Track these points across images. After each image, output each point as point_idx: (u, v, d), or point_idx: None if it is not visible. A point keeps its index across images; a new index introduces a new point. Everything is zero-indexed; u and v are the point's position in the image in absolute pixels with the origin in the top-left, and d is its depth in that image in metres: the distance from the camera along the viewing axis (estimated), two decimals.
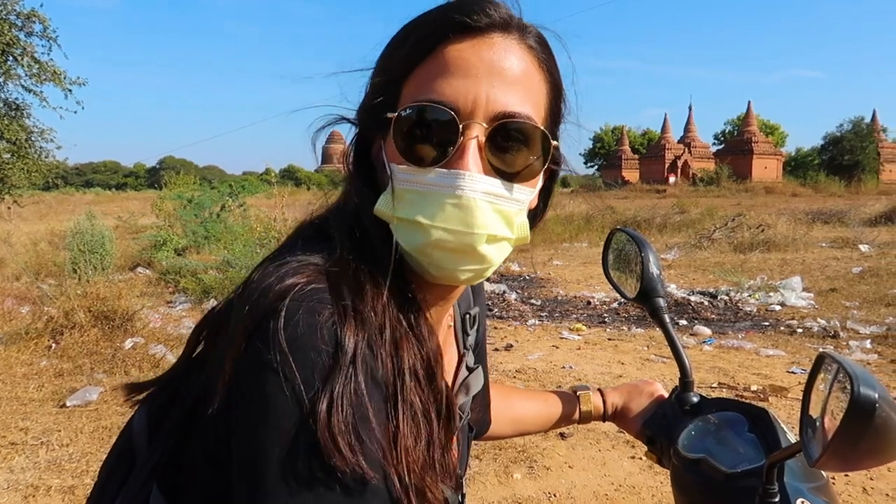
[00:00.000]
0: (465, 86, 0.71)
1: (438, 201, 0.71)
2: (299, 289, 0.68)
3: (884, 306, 8.27)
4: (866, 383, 0.61)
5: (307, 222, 0.84)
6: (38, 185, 15.87)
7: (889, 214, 20.71)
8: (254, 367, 0.65)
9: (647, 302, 1.08)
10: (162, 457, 0.77)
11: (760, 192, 51.98)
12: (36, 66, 13.36)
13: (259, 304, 0.67)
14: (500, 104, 0.72)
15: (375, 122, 0.77)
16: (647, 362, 6.21)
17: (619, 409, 1.24)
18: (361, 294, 0.71)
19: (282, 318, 0.65)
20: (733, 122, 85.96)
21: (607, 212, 22.66)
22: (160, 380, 0.86)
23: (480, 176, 0.71)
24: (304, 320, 0.65)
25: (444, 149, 0.71)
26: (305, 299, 0.67)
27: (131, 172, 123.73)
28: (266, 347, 0.64)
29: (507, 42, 0.74)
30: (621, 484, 3.76)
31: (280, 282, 0.68)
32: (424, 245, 0.73)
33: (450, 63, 0.72)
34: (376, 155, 0.80)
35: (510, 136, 0.73)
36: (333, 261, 0.74)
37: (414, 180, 0.72)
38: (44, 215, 23.76)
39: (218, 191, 16.00)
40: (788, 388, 5.29)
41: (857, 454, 0.63)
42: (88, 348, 5.90)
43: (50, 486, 3.69)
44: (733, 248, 14.75)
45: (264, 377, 0.64)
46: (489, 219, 0.72)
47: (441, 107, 0.71)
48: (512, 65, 0.73)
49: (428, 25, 0.74)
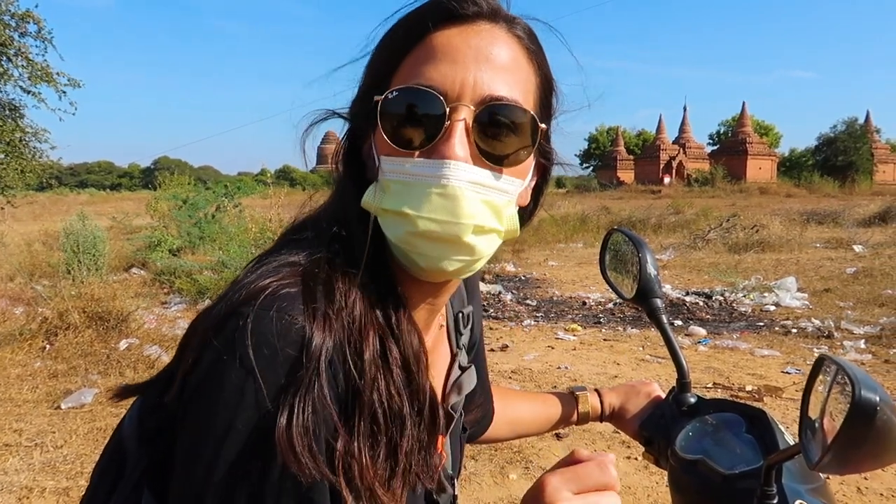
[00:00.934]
0: (453, 70, 0.70)
1: (424, 191, 0.70)
2: (271, 291, 0.68)
3: (878, 306, 8.30)
4: (867, 387, 0.61)
5: (297, 222, 0.84)
6: (32, 185, 15.78)
7: (882, 215, 20.81)
8: (213, 364, 0.65)
9: (644, 302, 1.08)
10: (152, 459, 0.77)
11: (755, 192, 52.13)
12: (30, 67, 13.30)
13: (230, 303, 0.68)
14: (488, 88, 0.71)
15: (366, 116, 0.77)
16: (643, 363, 6.22)
17: (617, 410, 1.24)
18: (334, 294, 0.71)
19: (248, 319, 0.66)
20: (728, 122, 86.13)
21: (602, 212, 22.73)
22: (152, 381, 0.85)
23: (466, 165, 0.70)
24: (271, 322, 0.66)
25: (431, 132, 0.71)
26: (276, 301, 0.67)
27: (126, 173, 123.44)
28: (229, 346, 0.65)
29: (494, 30, 0.74)
30: None
31: (255, 283, 0.69)
32: (410, 235, 0.71)
33: (437, 49, 0.72)
34: (367, 152, 0.79)
35: (498, 120, 0.72)
36: (312, 260, 0.74)
37: (400, 171, 0.72)
38: (38, 216, 23.65)
39: (213, 191, 15.94)
40: (783, 389, 5.30)
41: (857, 457, 0.63)
42: (83, 349, 5.88)
43: (44, 487, 3.67)
44: (728, 249, 14.79)
45: (221, 374, 0.65)
46: (476, 209, 0.71)
47: (429, 90, 0.70)
48: (500, 52, 0.73)
49: (416, 15, 0.75)
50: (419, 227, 0.70)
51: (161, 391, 0.79)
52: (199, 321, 0.75)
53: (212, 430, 0.64)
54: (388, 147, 0.73)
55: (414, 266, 0.76)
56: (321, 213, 0.83)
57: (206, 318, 0.70)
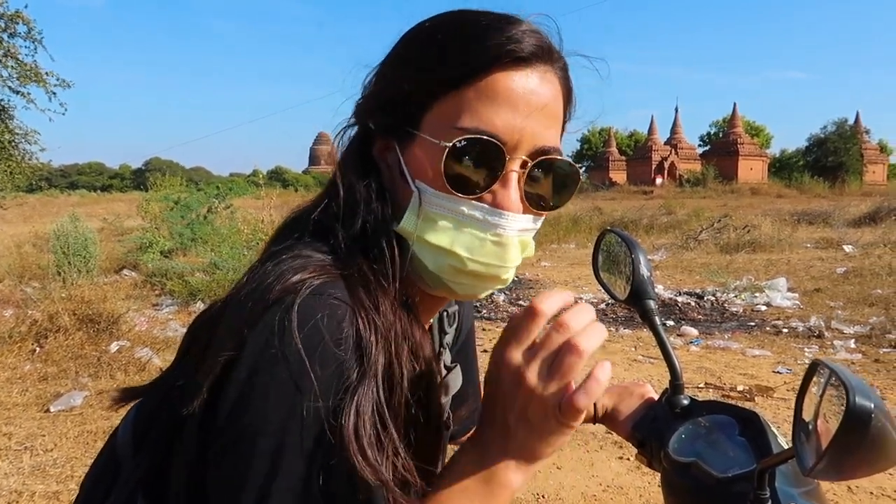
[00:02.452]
0: (513, 118, 0.71)
1: (479, 236, 0.73)
2: (310, 283, 0.65)
3: (867, 306, 8.35)
4: (862, 393, 0.61)
5: (292, 220, 0.82)
6: (21, 187, 15.71)
7: (872, 215, 20.96)
8: (259, 356, 0.62)
9: (637, 304, 1.07)
10: (148, 468, 0.75)
11: (746, 193, 52.41)
12: (19, 67, 13.23)
13: (263, 299, 0.64)
14: (541, 138, 0.73)
15: (391, 127, 0.76)
16: (635, 363, 6.23)
17: (610, 412, 1.22)
18: (375, 297, 0.69)
19: (294, 314, 0.62)
20: (719, 123, 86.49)
21: (595, 213, 22.78)
22: (150, 386, 0.83)
23: (519, 215, 0.74)
24: (322, 317, 0.63)
25: (489, 179, 0.72)
26: (321, 294, 0.64)
27: (117, 174, 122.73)
28: (274, 344, 0.61)
29: (546, 73, 0.75)
30: (609, 484, 3.77)
31: (284, 277, 0.66)
32: (455, 271, 0.74)
33: (499, 93, 0.71)
34: (380, 155, 0.79)
35: (547, 171, 0.75)
36: (340, 260, 0.72)
37: (452, 209, 0.73)
38: (27, 217, 23.52)
39: (205, 192, 15.90)
40: (774, 388, 5.33)
41: (851, 464, 0.63)
42: (73, 352, 5.83)
43: (34, 491, 3.64)
44: (719, 249, 14.85)
45: (272, 366, 0.61)
46: (517, 252, 0.76)
47: (493, 140, 0.71)
48: (549, 97, 0.74)
49: (476, 50, 0.72)
50: (467, 267, 0.73)
51: (160, 398, 0.77)
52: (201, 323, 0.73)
53: (269, 425, 0.61)
54: (442, 186, 0.72)
55: (444, 290, 0.77)
56: (326, 213, 0.78)
57: (237, 314, 0.65)
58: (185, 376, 0.72)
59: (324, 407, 0.61)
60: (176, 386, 0.74)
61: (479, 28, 0.73)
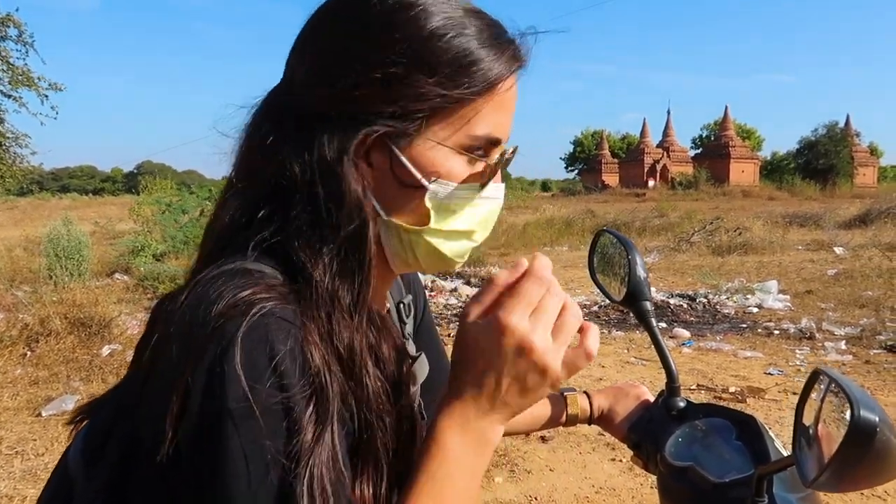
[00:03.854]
0: (510, 120, 0.78)
1: (489, 209, 0.79)
2: (259, 307, 0.60)
3: (858, 308, 8.39)
4: (867, 406, 0.60)
5: (228, 226, 0.76)
6: (12, 190, 15.62)
7: (862, 217, 21.06)
8: (207, 415, 0.58)
9: (633, 305, 1.05)
10: (102, 492, 0.69)
11: (738, 195, 52.53)
12: (10, 71, 13.15)
13: (205, 325, 0.59)
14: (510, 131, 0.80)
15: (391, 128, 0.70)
16: (628, 365, 6.23)
17: (606, 413, 1.20)
18: (330, 315, 0.67)
19: (237, 349, 0.57)
20: (711, 126, 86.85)
21: (587, 216, 22.80)
22: (99, 404, 0.78)
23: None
24: (267, 350, 0.59)
25: (492, 169, 0.77)
26: (269, 319, 0.60)
27: (108, 177, 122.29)
28: (221, 389, 0.57)
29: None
30: (602, 486, 3.77)
31: (227, 296, 0.61)
32: (468, 250, 0.80)
33: (506, 101, 0.76)
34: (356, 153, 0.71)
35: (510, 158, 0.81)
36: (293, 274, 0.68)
37: (469, 196, 0.76)
38: (18, 221, 23.35)
39: (197, 195, 15.82)
40: (766, 390, 5.34)
41: (854, 476, 0.63)
42: (65, 356, 5.79)
43: (25, 496, 3.62)
44: (711, 252, 14.89)
45: (220, 430, 0.57)
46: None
47: (500, 140, 0.77)
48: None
49: (497, 63, 0.73)
50: (477, 239, 0.80)
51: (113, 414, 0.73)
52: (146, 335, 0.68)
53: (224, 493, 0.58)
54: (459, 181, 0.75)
55: (426, 264, 0.78)
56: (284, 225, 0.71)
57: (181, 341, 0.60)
58: (133, 394, 0.67)
59: (273, 447, 0.59)
60: (128, 405, 0.68)
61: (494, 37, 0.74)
